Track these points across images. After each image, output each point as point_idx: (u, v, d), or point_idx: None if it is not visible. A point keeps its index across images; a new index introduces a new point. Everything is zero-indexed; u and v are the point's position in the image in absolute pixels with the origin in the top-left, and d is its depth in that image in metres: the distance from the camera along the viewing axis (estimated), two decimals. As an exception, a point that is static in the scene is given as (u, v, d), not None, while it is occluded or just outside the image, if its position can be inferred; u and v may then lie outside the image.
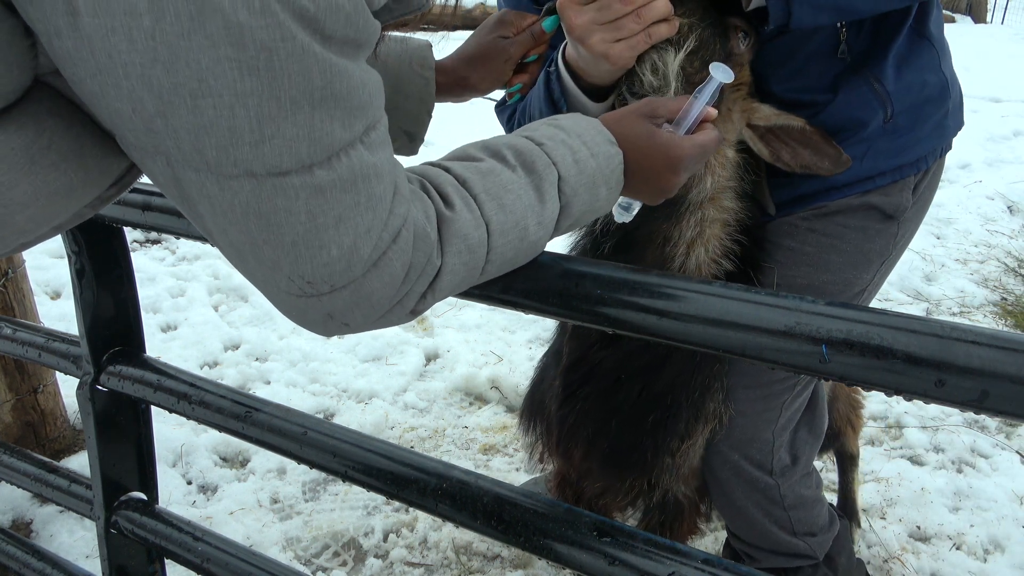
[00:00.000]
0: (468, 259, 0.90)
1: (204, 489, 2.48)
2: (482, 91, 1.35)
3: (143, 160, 0.76)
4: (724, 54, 1.30)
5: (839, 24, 1.37)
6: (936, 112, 1.49)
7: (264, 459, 2.57)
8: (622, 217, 1.16)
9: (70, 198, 0.81)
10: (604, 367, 1.55)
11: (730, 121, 1.38)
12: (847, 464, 2.31)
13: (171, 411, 1.50)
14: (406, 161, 0.96)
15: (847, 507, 2.30)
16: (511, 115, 1.62)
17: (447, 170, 0.93)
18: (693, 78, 1.27)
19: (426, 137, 1.34)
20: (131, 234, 3.96)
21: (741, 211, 1.44)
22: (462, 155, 0.97)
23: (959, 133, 1.57)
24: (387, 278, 0.83)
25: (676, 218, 1.39)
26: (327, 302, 0.83)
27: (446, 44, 1.24)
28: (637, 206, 1.15)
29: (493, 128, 1.42)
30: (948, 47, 1.52)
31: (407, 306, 0.88)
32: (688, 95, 1.11)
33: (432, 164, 0.95)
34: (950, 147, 1.57)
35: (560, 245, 1.54)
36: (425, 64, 1.27)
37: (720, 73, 1.10)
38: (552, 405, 1.69)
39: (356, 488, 2.45)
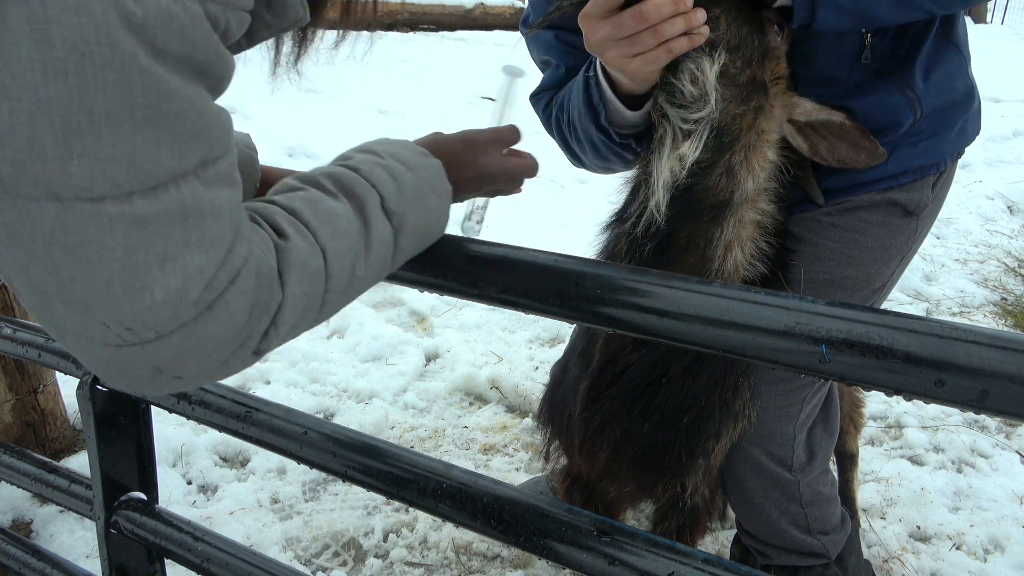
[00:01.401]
0: (309, 288, 0.85)
1: (204, 489, 2.48)
2: None
3: None
4: (762, 49, 1.28)
5: (863, 30, 1.37)
6: (960, 117, 1.50)
7: (264, 459, 2.57)
8: (472, 232, 1.18)
9: None
10: (636, 370, 1.53)
11: (771, 116, 1.36)
12: (846, 463, 2.31)
13: (171, 411, 1.50)
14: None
15: (846, 507, 2.30)
16: (547, 104, 1.62)
17: (272, 203, 0.88)
18: (737, 79, 1.24)
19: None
20: (131, 234, 3.95)
21: (776, 213, 1.44)
22: (282, 188, 0.93)
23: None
24: (225, 321, 0.75)
25: (720, 220, 1.38)
26: (152, 351, 0.72)
27: (447, 44, 1.24)
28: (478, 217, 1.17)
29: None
30: (970, 53, 1.53)
31: (249, 347, 0.81)
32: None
33: (255, 200, 0.90)
34: (963, 151, 1.58)
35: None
36: (249, 144, 1.21)
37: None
38: (576, 407, 1.66)
39: (356, 488, 2.45)
